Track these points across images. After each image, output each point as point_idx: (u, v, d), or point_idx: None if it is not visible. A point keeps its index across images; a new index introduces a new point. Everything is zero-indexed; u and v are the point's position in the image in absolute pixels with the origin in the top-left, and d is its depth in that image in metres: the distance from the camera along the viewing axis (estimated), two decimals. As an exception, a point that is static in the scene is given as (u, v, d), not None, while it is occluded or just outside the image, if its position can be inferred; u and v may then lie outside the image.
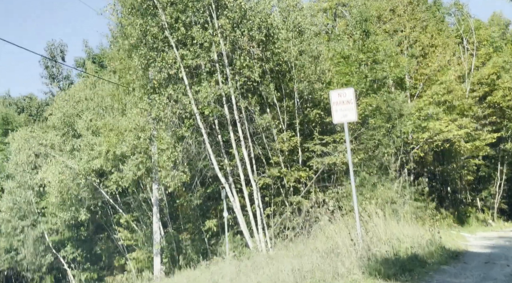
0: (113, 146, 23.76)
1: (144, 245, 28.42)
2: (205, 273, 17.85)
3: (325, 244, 15.73)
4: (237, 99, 20.68)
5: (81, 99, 30.11)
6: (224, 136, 21.87)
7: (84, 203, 28.97)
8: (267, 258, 16.78)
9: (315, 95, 23.08)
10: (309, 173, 22.05)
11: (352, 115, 12.77)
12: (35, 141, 31.78)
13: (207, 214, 25.60)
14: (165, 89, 20.40)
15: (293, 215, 21.21)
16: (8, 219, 34.09)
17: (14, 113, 46.45)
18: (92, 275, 34.24)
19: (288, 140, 22.05)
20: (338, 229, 16.92)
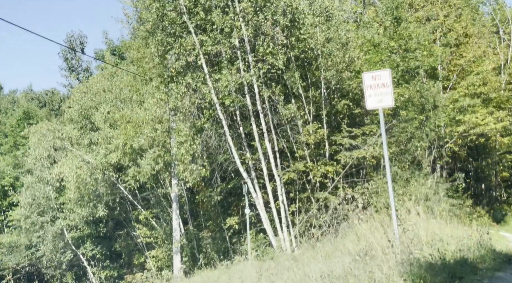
0: (130, 139, 22.67)
1: (164, 242, 27.38)
2: (224, 275, 16.65)
3: (357, 245, 14.40)
4: (260, 88, 19.45)
5: (99, 91, 29.15)
6: (246, 128, 20.68)
7: (102, 199, 27.99)
8: (292, 259, 15.49)
9: (343, 85, 21.62)
10: (336, 167, 20.66)
11: (388, 100, 11.35)
12: (52, 134, 30.89)
13: (228, 211, 24.37)
14: (183, 78, 19.25)
15: (320, 212, 20.00)
16: (27, 215, 33.36)
17: (35, 108, 45.91)
18: (112, 273, 33.35)
19: (314, 132, 20.68)
20: (370, 228, 15.59)
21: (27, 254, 36.40)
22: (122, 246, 31.81)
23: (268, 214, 19.88)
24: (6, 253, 37.24)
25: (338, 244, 15.69)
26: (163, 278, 24.85)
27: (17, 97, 53.31)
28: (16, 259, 36.85)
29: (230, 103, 19.48)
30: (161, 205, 28.08)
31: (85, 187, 26.76)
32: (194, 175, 19.89)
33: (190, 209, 27.33)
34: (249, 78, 19.00)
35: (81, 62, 39.66)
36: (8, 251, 37.22)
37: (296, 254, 17.84)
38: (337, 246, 15.19)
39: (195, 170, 19.85)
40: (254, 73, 19.03)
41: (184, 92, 19.19)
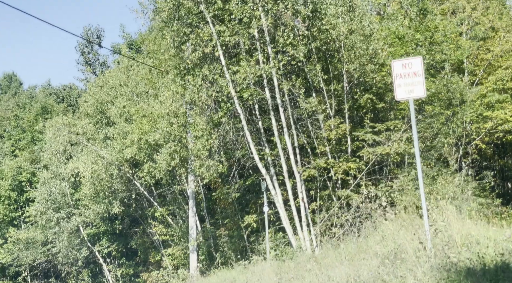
0: (146, 134, 22.02)
1: (180, 240, 26.74)
2: (242, 276, 15.90)
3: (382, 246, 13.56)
4: (280, 81, 18.68)
5: (115, 85, 28.56)
6: (264, 123, 19.97)
7: (117, 195, 27.41)
8: (313, 260, 14.67)
9: (366, 78, 20.73)
10: (359, 164, 19.80)
11: (419, 90, 10.48)
12: (67, 129, 30.42)
13: (246, 208, 23.62)
14: (199, 70, 18.57)
15: (341, 210, 19.19)
16: (43, 211, 32.95)
17: (53, 103, 45.64)
18: (127, 270, 32.84)
19: (336, 127, 19.85)
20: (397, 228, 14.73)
21: (44, 250, 36.07)
22: (138, 243, 31.27)
23: (288, 212, 19.16)
24: (23, 249, 36.96)
25: (362, 244, 14.88)
26: (179, 277, 24.23)
27: (36, 92, 53.19)
28: (32, 255, 36.56)
29: (248, 97, 18.79)
30: (177, 202, 27.46)
31: (100, 183, 26.21)
32: (210, 171, 19.17)
33: (207, 207, 26.65)
34: (268, 70, 18.25)
35: (98, 56, 39.27)
36: (25, 247, 36.93)
37: (316, 254, 17.06)
38: (360, 246, 14.37)
39: (211, 166, 19.12)
40: (274, 65, 18.29)
41: (201, 85, 18.49)
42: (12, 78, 64.52)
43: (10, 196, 39.51)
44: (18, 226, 39.89)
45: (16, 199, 39.81)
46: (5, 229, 39.53)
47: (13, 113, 46.83)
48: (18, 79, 64.82)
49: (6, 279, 40.86)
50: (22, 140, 43.81)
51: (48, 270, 39.26)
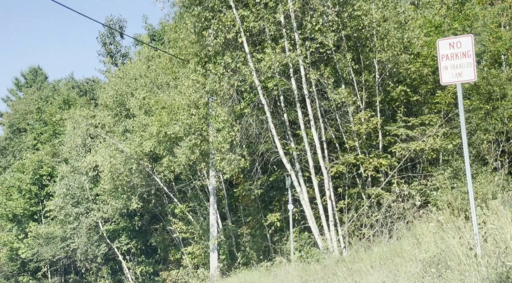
0: (165, 126, 20.99)
1: (201, 239, 25.68)
2: (264, 278, 14.73)
3: (421, 249, 12.25)
4: (307, 70, 17.43)
5: (135, 75, 27.63)
6: (290, 115, 18.77)
7: (136, 190, 26.45)
8: (342, 264, 13.44)
9: (400, 69, 19.34)
10: (390, 161, 18.44)
11: (469, 73, 9.16)
12: (85, 120, 29.62)
13: (270, 206, 22.41)
14: (221, 57, 17.43)
15: (371, 210, 17.96)
16: (61, 206, 32.23)
17: (76, 96, 45.06)
18: (147, 268, 31.94)
19: (366, 121, 18.53)
20: (433, 230, 13.40)
21: (63, 246, 35.39)
22: (158, 241, 30.32)
23: (314, 210, 17.97)
24: (42, 244, 36.38)
25: (395, 247, 13.60)
26: (199, 277, 23.19)
27: (59, 86, 52.75)
28: (52, 251, 35.90)
29: (273, 87, 17.63)
30: (198, 198, 26.40)
31: (119, 177, 25.30)
32: (232, 166, 18.04)
33: (229, 204, 25.52)
34: (295, 58, 17.06)
35: (120, 47, 38.45)
36: (44, 243, 36.35)
37: (345, 256, 15.81)
38: (393, 249, 13.09)
39: (233, 160, 17.99)
40: (301, 52, 17.05)
41: (223, 73, 17.38)
42: (37, 72, 64.36)
43: (31, 190, 38.99)
44: (39, 220, 39.36)
45: (37, 193, 39.28)
46: (26, 223, 39.04)
47: (35, 106, 46.43)
48: (43, 73, 64.61)
49: (26, 274, 40.47)
50: (44, 134, 43.31)
51: (68, 266, 38.67)
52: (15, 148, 50.44)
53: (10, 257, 39.92)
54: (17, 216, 39.32)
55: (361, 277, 9.62)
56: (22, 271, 40.53)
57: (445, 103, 19.23)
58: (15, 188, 39.51)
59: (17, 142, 50.91)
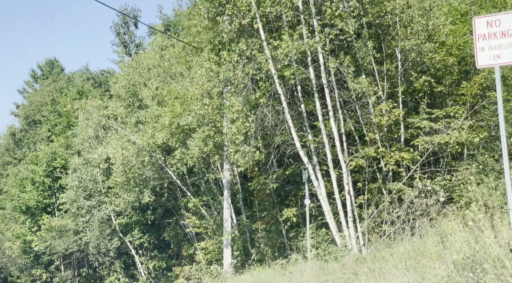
0: (177, 117, 20.27)
1: (215, 234, 24.98)
2: (279, 277, 13.96)
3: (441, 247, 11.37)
4: (326, 58, 16.57)
5: (149, 65, 26.94)
6: (307, 106, 17.95)
7: (148, 183, 25.79)
8: (362, 262, 12.61)
9: (424, 58, 18.37)
10: (413, 154, 17.55)
11: (509, 54, 8.23)
12: (96, 111, 29.00)
13: (286, 201, 21.61)
14: (236, 45, 16.64)
15: (392, 206, 17.07)
16: (73, 199, 31.74)
17: (90, 87, 44.61)
18: (160, 263, 31.33)
19: (388, 112, 17.63)
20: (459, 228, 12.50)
21: (76, 239, 34.96)
22: (171, 235, 29.67)
23: (332, 206, 17.17)
24: (56, 237, 36.00)
25: (418, 245, 12.74)
26: (212, 274, 22.49)
27: (74, 77, 52.40)
28: (65, 244, 35.52)
29: (290, 76, 16.84)
30: (211, 192, 25.68)
31: (131, 170, 24.65)
32: (246, 158, 17.25)
33: (244, 198, 24.76)
34: (313, 46, 16.20)
35: (134, 37, 37.83)
36: (57, 235, 35.97)
37: (364, 255, 14.98)
38: (417, 248, 12.23)
39: (247, 152, 17.20)
40: (320, 39, 16.20)
41: (237, 61, 16.60)
42: (53, 64, 64.12)
43: (44, 182, 38.63)
44: (52, 213, 39.02)
45: (50, 186, 38.90)
46: (39, 216, 38.73)
47: (50, 98, 46.08)
48: (59, 65, 64.35)
49: (40, 267, 40.18)
50: (58, 125, 42.93)
51: (81, 259, 38.26)
52: (30, 140, 50.26)
53: (24, 249, 39.64)
54: (31, 209, 39.05)
55: (385, 278, 8.78)
56: (36, 264, 40.25)
57: (471, 94, 18.29)
58: (28, 180, 39.22)
59: (32, 134, 50.73)
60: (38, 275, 40.05)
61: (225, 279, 20.61)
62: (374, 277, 9.19)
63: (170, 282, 28.38)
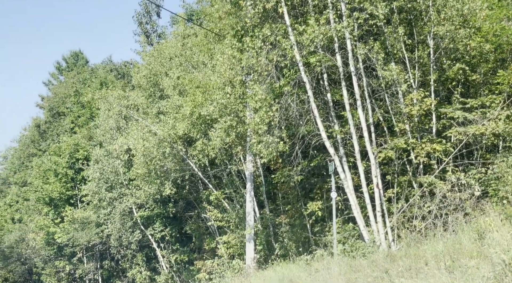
0: (199, 106, 19.63)
1: (237, 227, 24.34)
2: (303, 274, 13.25)
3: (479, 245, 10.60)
4: (354, 44, 15.74)
5: (170, 54, 26.35)
6: (334, 95, 17.13)
7: (169, 175, 25.23)
8: (391, 259, 11.83)
9: (458, 45, 17.38)
10: (445, 146, 16.64)
11: None
12: (117, 101, 28.53)
13: (310, 194, 20.82)
14: (259, 30, 15.89)
15: (423, 200, 16.25)
16: (95, 190, 31.41)
17: (113, 79, 44.33)
18: (182, 257, 30.85)
19: (419, 102, 16.75)
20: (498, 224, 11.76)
21: (98, 231, 34.72)
22: (193, 228, 29.09)
23: (359, 199, 16.44)
24: (78, 229, 35.82)
25: (453, 242, 11.94)
26: (234, 268, 21.87)
27: (97, 69, 52.33)
28: (87, 236, 35.31)
29: (315, 63, 16.05)
30: (234, 184, 25.02)
31: (152, 161, 24.13)
32: (269, 149, 16.52)
33: (267, 191, 24.03)
34: (341, 31, 15.39)
35: (156, 27, 37.28)
36: (80, 227, 35.79)
37: (394, 251, 14.19)
38: (452, 245, 11.43)
39: (271, 143, 16.46)
40: (348, 24, 15.36)
41: (261, 48, 15.86)
42: (78, 56, 64.24)
43: (67, 174, 38.48)
44: (75, 205, 38.87)
45: (73, 177, 38.73)
46: (62, 207, 38.59)
47: (73, 89, 45.96)
48: (84, 57, 64.47)
49: (63, 259, 40.11)
50: (81, 117, 42.75)
51: (103, 252, 38.05)
52: (54, 131, 50.35)
53: (47, 241, 39.61)
54: (54, 200, 38.93)
55: (424, 279, 7.98)
56: (59, 255, 40.21)
57: (507, 83, 17.29)
58: (51, 171, 39.13)
59: (56, 126, 50.82)
60: (62, 266, 40.01)
61: (247, 275, 19.95)
62: (411, 277, 8.38)
63: (191, 276, 27.84)
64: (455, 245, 11.42)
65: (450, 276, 7.71)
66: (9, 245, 46.18)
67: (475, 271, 7.39)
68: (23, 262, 47.10)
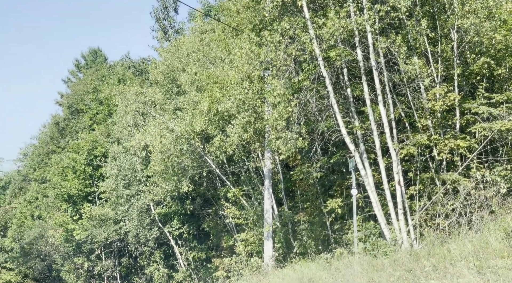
0: (216, 102, 19.37)
1: (255, 225, 24.05)
2: (323, 273, 12.92)
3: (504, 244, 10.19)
4: (375, 38, 15.35)
5: (188, 50, 26.14)
6: (354, 90, 16.75)
7: (186, 172, 25.02)
8: (415, 259, 11.44)
9: (483, 38, 16.87)
10: (470, 142, 16.18)
11: None
12: (134, 97, 28.41)
13: (330, 191, 20.45)
14: (278, 24, 15.57)
15: (447, 197, 15.81)
16: (112, 187, 31.35)
17: (131, 75, 44.32)
18: (199, 254, 30.65)
19: (442, 97, 16.28)
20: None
21: (116, 228, 34.70)
22: (210, 226, 28.89)
23: (380, 197, 16.04)
24: (96, 226, 35.86)
25: (479, 241, 11.51)
26: (252, 266, 21.59)
27: (115, 66, 52.42)
28: (105, 233, 35.32)
29: (335, 57, 15.67)
30: (252, 181, 24.73)
31: (169, 158, 23.94)
32: (288, 145, 16.21)
33: (285, 188, 23.72)
34: (362, 24, 15.01)
35: (174, 23, 37.11)
36: (98, 224, 35.81)
37: (417, 249, 13.78)
38: (478, 244, 11.00)
39: (289, 139, 16.14)
40: (369, 17, 14.97)
41: (279, 41, 15.54)
42: (97, 53, 64.48)
43: (85, 171, 38.53)
44: (93, 202, 38.93)
45: (91, 174, 38.78)
46: (80, 204, 38.67)
47: (91, 86, 46.06)
48: (103, 54, 64.71)
49: (82, 255, 40.19)
50: (100, 114, 42.79)
51: (121, 249, 38.02)
52: (73, 128, 50.52)
53: (66, 238, 39.71)
54: (72, 197, 39.02)
55: (450, 279, 7.61)
56: (78, 252, 40.28)
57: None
58: (70, 168, 39.21)
59: (75, 123, 51.00)
60: (80, 263, 40.07)
61: (266, 273, 19.65)
62: (439, 278, 7.99)
63: (209, 274, 27.60)
64: (481, 244, 11.02)
65: (481, 277, 7.33)
66: (29, 242, 46.50)
67: (506, 272, 7.00)
68: (42, 259, 47.40)
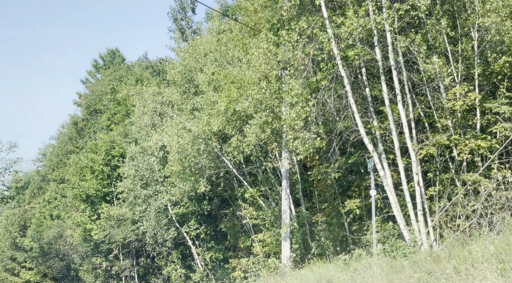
0: (234, 102, 19.31)
1: (273, 226, 23.95)
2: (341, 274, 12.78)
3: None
4: (394, 37, 15.20)
5: (205, 50, 26.13)
6: (372, 90, 16.61)
7: (204, 172, 25.00)
8: (435, 261, 11.27)
9: (504, 37, 16.60)
10: (491, 142, 15.95)
11: None
12: (151, 97, 28.45)
13: (348, 191, 20.29)
14: (296, 23, 15.46)
15: (467, 198, 15.59)
16: (130, 188, 31.44)
17: (149, 76, 44.46)
18: (217, 255, 30.62)
19: (463, 96, 16.07)
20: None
21: (133, 228, 34.83)
22: (228, 226, 28.82)
23: (399, 198, 15.90)
24: (114, 226, 36.01)
25: (501, 243, 11.31)
26: (269, 267, 21.49)
27: (133, 66, 52.66)
28: (123, 233, 35.46)
29: (354, 56, 15.56)
30: (269, 182, 24.62)
31: (186, 158, 23.94)
32: (306, 146, 16.10)
33: (303, 188, 23.57)
34: (381, 23, 14.86)
35: (191, 23, 37.16)
36: (116, 224, 35.97)
37: (437, 251, 13.58)
38: (500, 246, 10.81)
39: (307, 139, 16.03)
40: (388, 16, 14.81)
41: (297, 41, 15.44)
42: (115, 54, 64.83)
43: (103, 171, 38.70)
44: (111, 202, 39.06)
45: (109, 174, 38.95)
46: (98, 204, 38.84)
47: (109, 86, 46.29)
48: (121, 55, 65.03)
49: (100, 255, 40.39)
50: (117, 114, 42.96)
51: (139, 249, 38.14)
52: (91, 129, 50.85)
53: (84, 237, 39.91)
54: (90, 197, 39.19)
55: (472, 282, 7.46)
56: (96, 252, 40.47)
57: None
58: (88, 168, 39.40)
59: (93, 123, 51.32)
60: (98, 263, 40.27)
61: (283, 274, 19.56)
62: (460, 281, 7.84)
63: (227, 274, 27.55)
64: (503, 246, 10.82)
65: (504, 279, 7.17)
66: (48, 241, 46.89)
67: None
68: (61, 258, 47.75)
